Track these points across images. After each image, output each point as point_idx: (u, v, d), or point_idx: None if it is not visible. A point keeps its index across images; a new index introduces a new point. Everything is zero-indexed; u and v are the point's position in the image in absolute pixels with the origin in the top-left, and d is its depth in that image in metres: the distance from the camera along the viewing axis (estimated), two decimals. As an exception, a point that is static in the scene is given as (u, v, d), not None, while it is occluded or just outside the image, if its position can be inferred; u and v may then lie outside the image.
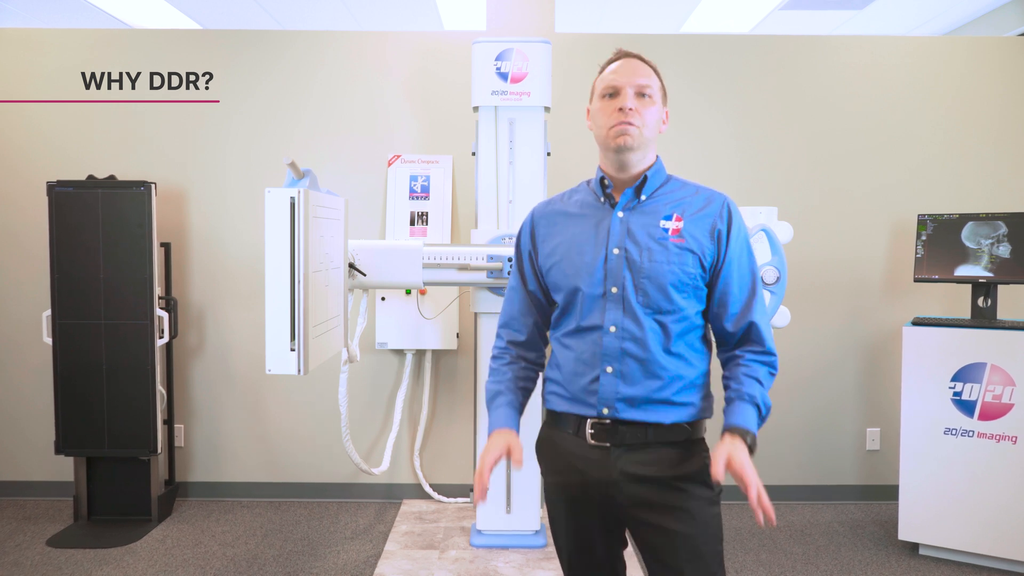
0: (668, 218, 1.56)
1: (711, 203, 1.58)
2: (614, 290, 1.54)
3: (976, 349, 3.02)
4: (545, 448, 1.68)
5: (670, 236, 1.54)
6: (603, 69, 1.63)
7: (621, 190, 1.60)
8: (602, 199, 1.61)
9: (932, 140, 3.72)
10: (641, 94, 1.55)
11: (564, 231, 1.63)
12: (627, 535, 1.67)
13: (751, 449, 1.47)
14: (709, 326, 1.63)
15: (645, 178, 1.57)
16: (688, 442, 1.56)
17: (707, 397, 1.61)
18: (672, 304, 1.53)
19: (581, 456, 1.57)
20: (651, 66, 1.61)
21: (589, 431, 1.55)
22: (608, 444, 1.54)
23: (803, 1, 4.73)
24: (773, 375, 1.59)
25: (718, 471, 1.41)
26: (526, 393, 1.69)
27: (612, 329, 1.53)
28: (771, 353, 1.59)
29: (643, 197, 1.58)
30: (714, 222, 1.56)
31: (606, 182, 1.60)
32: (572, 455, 1.59)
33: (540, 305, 1.69)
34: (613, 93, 1.56)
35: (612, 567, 1.66)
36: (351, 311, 3.23)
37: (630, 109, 1.53)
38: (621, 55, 1.62)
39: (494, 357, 1.73)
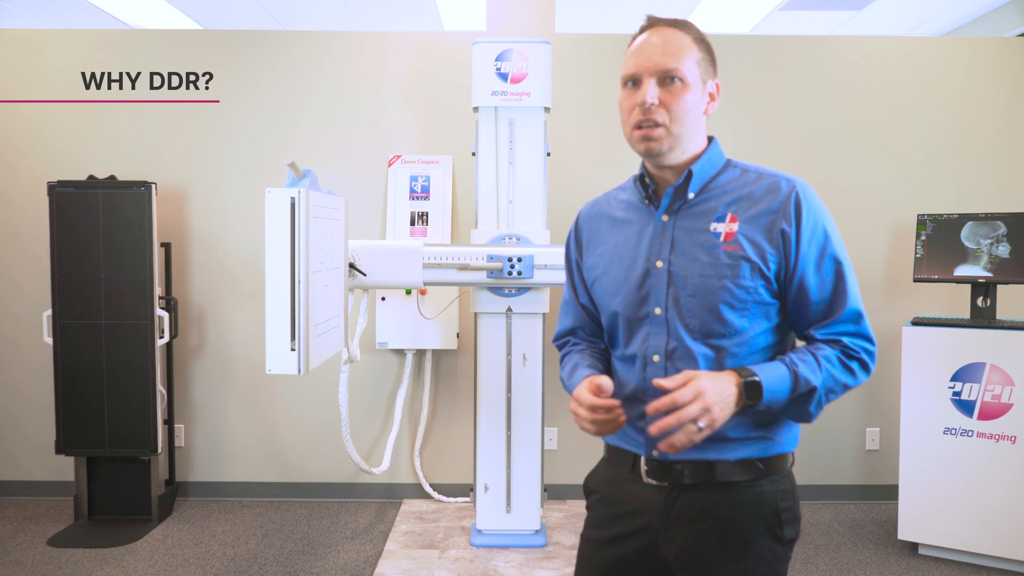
0: (721, 219, 1.27)
1: (775, 194, 1.27)
2: (657, 311, 1.30)
3: (975, 349, 3.02)
4: (596, 484, 1.45)
5: (721, 242, 1.26)
6: (631, 43, 1.31)
7: (664, 189, 1.33)
8: (645, 200, 1.35)
9: (932, 140, 3.72)
10: (668, 78, 1.25)
11: (607, 239, 1.39)
12: None
13: (748, 395, 1.19)
14: (786, 341, 1.36)
15: (690, 174, 1.30)
16: (760, 482, 1.30)
17: (789, 429, 1.33)
18: (727, 326, 1.26)
19: (635, 494, 1.34)
20: (690, 33, 1.28)
21: (644, 468, 1.33)
22: (666, 484, 1.31)
23: (803, 1, 4.73)
24: (851, 362, 1.27)
25: (661, 382, 1.18)
26: (604, 364, 1.43)
27: (656, 359, 1.30)
28: (860, 341, 1.28)
29: (691, 195, 1.31)
30: (775, 220, 1.26)
31: (647, 180, 1.34)
32: (624, 492, 1.37)
33: (596, 319, 1.47)
34: (634, 81, 1.28)
35: None
36: (351, 311, 3.24)
37: (651, 105, 1.24)
38: (650, 23, 1.30)
39: (560, 348, 1.53)
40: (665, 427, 1.15)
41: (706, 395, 1.15)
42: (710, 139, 1.34)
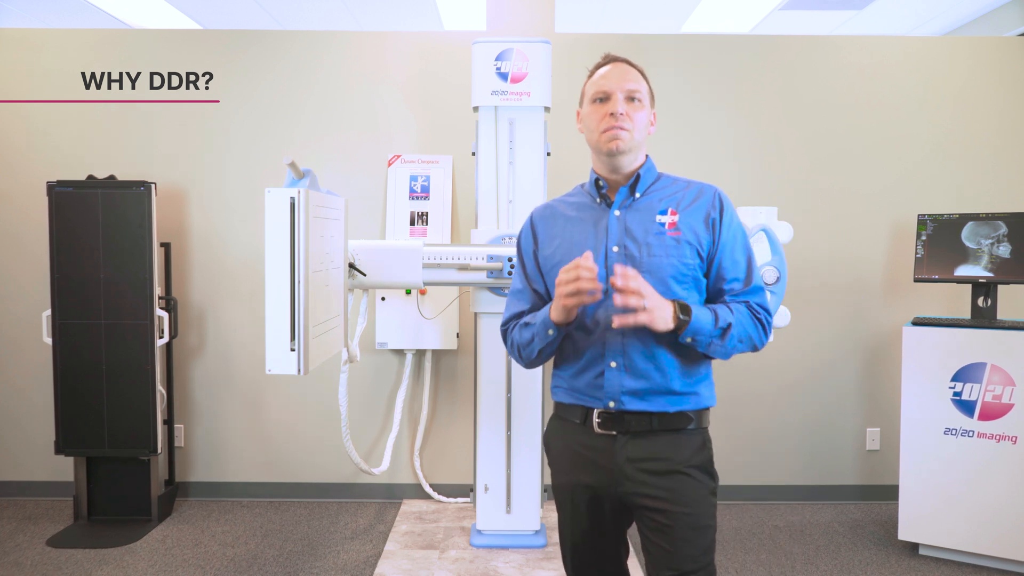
0: (663, 212, 1.62)
1: (703, 195, 1.65)
2: None
3: (976, 349, 3.02)
4: (553, 439, 1.73)
5: (667, 230, 1.60)
6: (592, 74, 1.69)
7: (615, 190, 1.66)
8: (598, 200, 1.67)
9: (932, 140, 3.72)
10: (631, 98, 1.62)
11: (563, 233, 1.68)
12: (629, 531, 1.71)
13: (681, 311, 1.51)
14: None
15: (638, 176, 1.64)
16: (692, 430, 1.61)
17: (710, 386, 1.67)
18: (673, 296, 1.56)
19: (588, 445, 1.62)
20: (639, 70, 1.67)
21: (596, 420, 1.60)
22: (615, 432, 1.59)
23: (803, 1, 4.73)
24: (756, 320, 1.62)
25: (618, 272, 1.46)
26: None
27: (613, 325, 1.55)
28: (763, 308, 1.64)
29: (637, 195, 1.65)
30: (707, 211, 1.63)
31: (600, 183, 1.66)
32: (579, 444, 1.64)
33: (547, 303, 1.70)
34: (604, 98, 1.63)
35: (615, 558, 1.71)
36: (351, 311, 3.23)
37: (621, 114, 1.59)
38: (609, 60, 1.68)
39: (509, 327, 1.73)
40: (625, 291, 1.45)
41: (647, 289, 1.49)
42: (646, 156, 1.70)
